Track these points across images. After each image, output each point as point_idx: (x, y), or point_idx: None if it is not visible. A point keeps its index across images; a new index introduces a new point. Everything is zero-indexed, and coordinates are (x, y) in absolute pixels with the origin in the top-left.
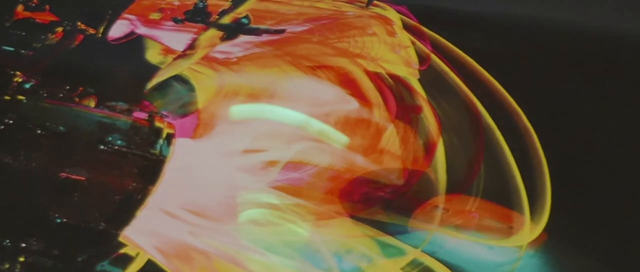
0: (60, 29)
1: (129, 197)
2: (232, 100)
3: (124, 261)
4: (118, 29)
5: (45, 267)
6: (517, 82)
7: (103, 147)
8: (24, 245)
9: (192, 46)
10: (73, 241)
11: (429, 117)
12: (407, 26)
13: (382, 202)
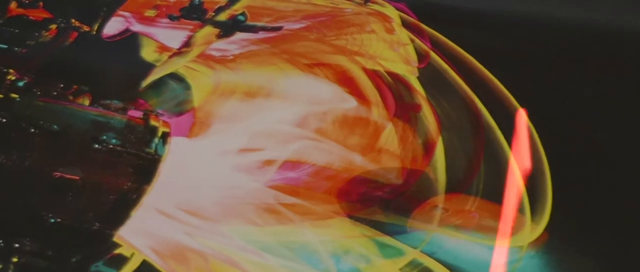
0: (54, 26)
1: (124, 197)
2: (228, 98)
3: (119, 262)
4: (113, 26)
5: (39, 268)
6: (517, 80)
7: (97, 146)
8: (17, 245)
9: (187, 44)
10: (67, 242)
11: (428, 116)
12: (406, 23)
13: (380, 202)
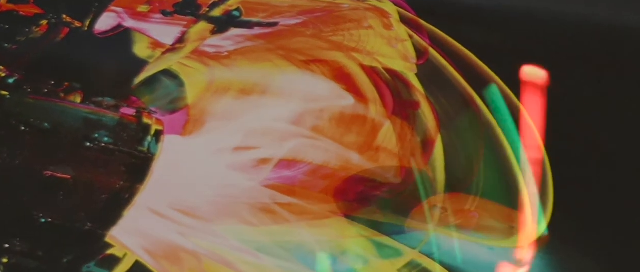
0: (45, 21)
1: (116, 196)
2: (223, 95)
3: (111, 262)
4: (105, 22)
5: (29, 269)
6: (517, 77)
7: (89, 145)
8: (7, 246)
9: (181, 40)
10: (58, 242)
11: (427, 113)
12: (404, 19)
13: (378, 202)
